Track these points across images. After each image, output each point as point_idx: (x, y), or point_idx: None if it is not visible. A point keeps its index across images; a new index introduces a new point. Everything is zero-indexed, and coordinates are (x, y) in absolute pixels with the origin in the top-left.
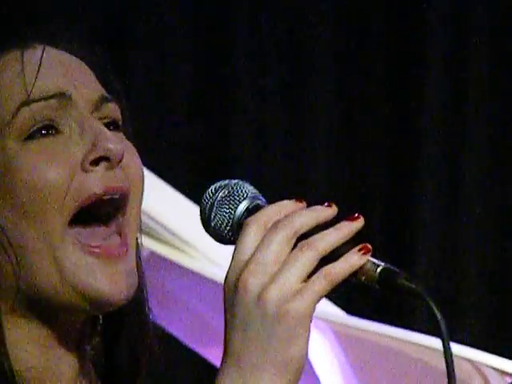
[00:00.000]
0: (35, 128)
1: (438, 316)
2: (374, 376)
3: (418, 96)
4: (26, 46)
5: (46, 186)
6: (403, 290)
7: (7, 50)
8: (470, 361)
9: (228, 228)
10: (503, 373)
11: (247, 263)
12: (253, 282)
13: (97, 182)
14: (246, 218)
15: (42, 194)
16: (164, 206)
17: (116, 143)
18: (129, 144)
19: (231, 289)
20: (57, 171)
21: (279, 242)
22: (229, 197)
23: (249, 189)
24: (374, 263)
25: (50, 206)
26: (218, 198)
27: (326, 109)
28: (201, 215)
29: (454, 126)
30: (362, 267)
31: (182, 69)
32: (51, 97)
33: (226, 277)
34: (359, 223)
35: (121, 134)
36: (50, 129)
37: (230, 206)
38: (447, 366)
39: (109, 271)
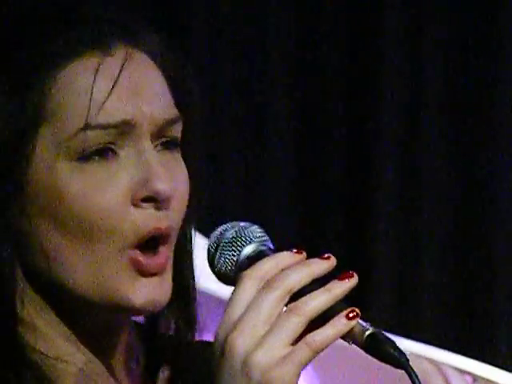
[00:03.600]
0: (91, 150)
1: None
2: (334, 375)
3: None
4: (106, 52)
5: (97, 221)
6: (388, 358)
7: (86, 52)
8: (430, 360)
9: (231, 273)
10: (463, 372)
11: (237, 322)
12: (240, 344)
13: (146, 222)
14: (247, 265)
15: (93, 227)
16: None
17: (166, 184)
18: (180, 170)
19: (219, 348)
20: (109, 205)
21: (271, 303)
22: (234, 241)
23: (255, 233)
24: (361, 327)
25: (102, 239)
26: (224, 241)
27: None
28: (208, 255)
29: (410, 134)
30: (349, 331)
31: None
32: (114, 126)
33: (217, 333)
34: (352, 282)
35: (177, 156)
36: (106, 152)
37: (234, 250)
38: None
39: (145, 285)
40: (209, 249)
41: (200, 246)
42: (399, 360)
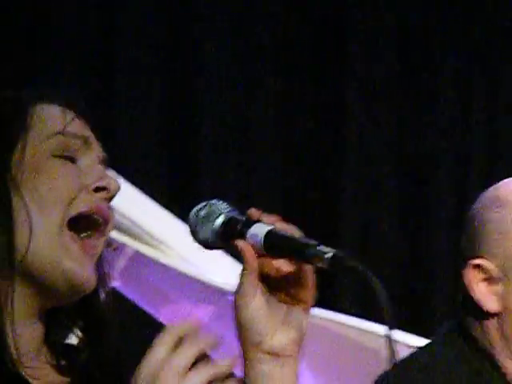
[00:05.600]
0: (61, 153)
1: (379, 290)
2: (313, 356)
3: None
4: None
5: (61, 192)
6: (350, 270)
7: (48, 102)
8: (398, 342)
9: (211, 240)
10: None
11: (156, 373)
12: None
13: (94, 201)
14: (223, 230)
15: (57, 196)
16: (147, 216)
17: (116, 183)
18: None
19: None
20: (71, 184)
21: (181, 363)
22: (208, 215)
23: (223, 206)
24: (324, 252)
25: (59, 204)
26: (200, 217)
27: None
28: (190, 230)
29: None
30: (316, 255)
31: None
32: (79, 137)
33: (136, 378)
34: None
35: None
36: (70, 158)
37: (210, 222)
38: (389, 341)
39: (85, 262)
40: (190, 226)
41: None
42: (360, 270)
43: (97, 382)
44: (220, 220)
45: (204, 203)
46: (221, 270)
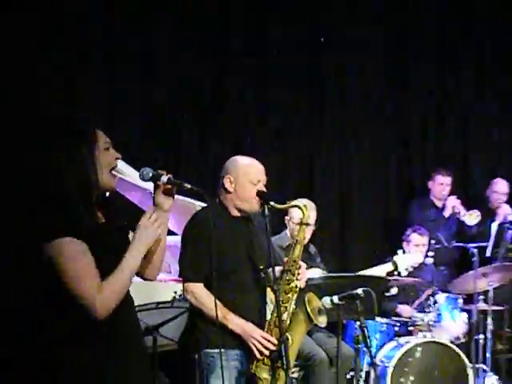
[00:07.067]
0: (106, 148)
1: (200, 193)
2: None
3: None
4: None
5: (108, 160)
6: (185, 187)
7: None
8: (190, 202)
9: (148, 180)
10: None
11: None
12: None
13: (116, 163)
14: (152, 177)
15: (107, 160)
16: (125, 168)
17: (120, 156)
18: None
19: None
20: (111, 157)
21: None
22: (146, 172)
23: (150, 169)
24: (184, 183)
25: (108, 163)
26: (144, 173)
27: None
28: (140, 177)
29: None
30: (181, 185)
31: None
32: (109, 142)
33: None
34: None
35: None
36: (108, 149)
37: (146, 174)
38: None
39: (114, 181)
40: (140, 175)
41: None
42: (195, 187)
43: (116, 223)
44: (150, 174)
45: (144, 168)
46: (145, 184)
